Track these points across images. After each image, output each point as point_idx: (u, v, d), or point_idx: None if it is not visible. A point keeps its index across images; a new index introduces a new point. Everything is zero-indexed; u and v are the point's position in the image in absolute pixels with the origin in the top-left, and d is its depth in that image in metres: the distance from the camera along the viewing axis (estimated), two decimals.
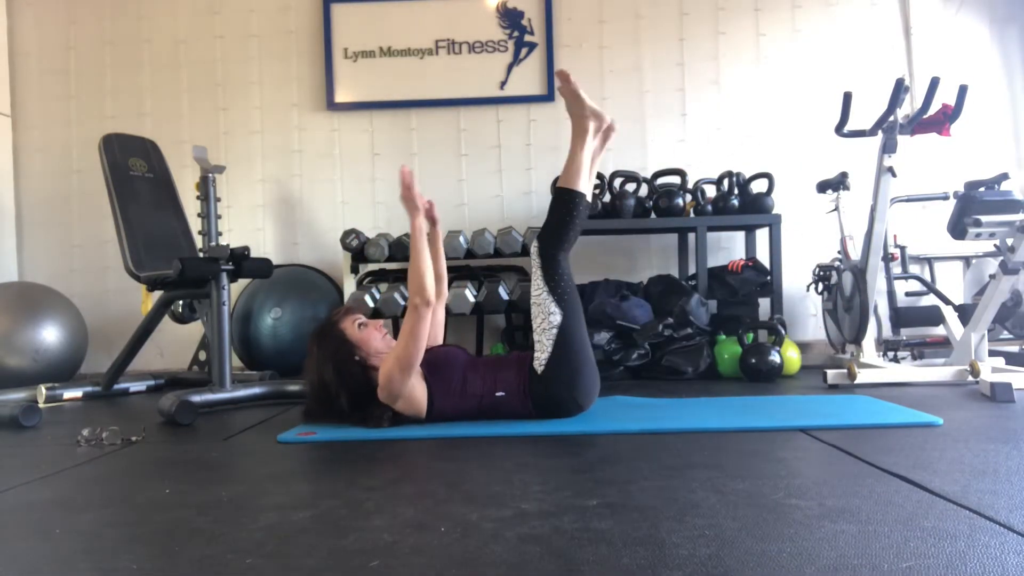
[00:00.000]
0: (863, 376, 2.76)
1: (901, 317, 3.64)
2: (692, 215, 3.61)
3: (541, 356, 2.12)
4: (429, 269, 2.06)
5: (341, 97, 4.17)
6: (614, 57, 4.17)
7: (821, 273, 3.62)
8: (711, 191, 3.79)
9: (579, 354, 2.12)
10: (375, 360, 2.14)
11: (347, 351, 2.11)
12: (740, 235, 4.05)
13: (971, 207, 2.77)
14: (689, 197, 3.65)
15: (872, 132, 3.00)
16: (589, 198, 2.22)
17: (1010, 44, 4.13)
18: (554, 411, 2.12)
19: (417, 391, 2.07)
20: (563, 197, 2.18)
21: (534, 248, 2.17)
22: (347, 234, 3.66)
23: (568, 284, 2.15)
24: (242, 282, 3.89)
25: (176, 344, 4.07)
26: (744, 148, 4.11)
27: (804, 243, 3.98)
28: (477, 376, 2.14)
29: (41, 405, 2.89)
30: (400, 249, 3.63)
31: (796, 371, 3.24)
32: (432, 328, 2.24)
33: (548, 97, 4.14)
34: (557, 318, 2.11)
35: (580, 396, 2.12)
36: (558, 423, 2.06)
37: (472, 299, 3.47)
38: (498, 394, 2.11)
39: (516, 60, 4.15)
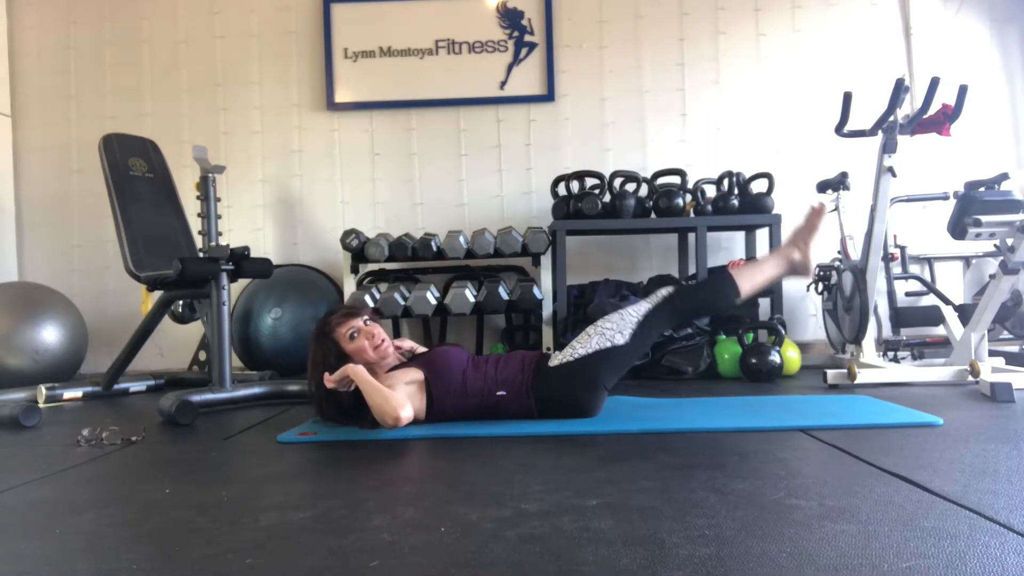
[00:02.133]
0: (863, 376, 2.76)
1: (901, 317, 3.64)
2: (692, 215, 3.61)
3: (578, 350, 2.11)
4: (387, 398, 1.96)
5: (341, 97, 4.17)
6: (614, 57, 4.17)
7: (821, 273, 3.62)
8: (711, 191, 3.79)
9: (604, 375, 2.12)
10: (370, 366, 2.14)
11: (339, 363, 2.10)
12: (740, 235, 4.05)
13: (971, 207, 2.77)
14: (689, 197, 3.65)
15: (872, 132, 3.00)
16: (738, 302, 2.25)
17: (1010, 44, 4.13)
18: (557, 412, 2.11)
19: (415, 399, 2.07)
20: (727, 288, 2.20)
21: (668, 291, 2.20)
22: (347, 234, 3.66)
23: (652, 335, 2.18)
24: (242, 282, 3.89)
25: (176, 344, 4.07)
26: (744, 148, 4.11)
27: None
28: (478, 375, 2.13)
29: (41, 405, 2.89)
30: (400, 249, 3.63)
31: (796, 371, 3.24)
32: None
33: (548, 97, 4.14)
34: (621, 340, 2.11)
35: (585, 404, 2.11)
36: (558, 423, 2.05)
37: (472, 299, 3.47)
38: (499, 393, 2.11)
39: (516, 60, 4.15)
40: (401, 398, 1.97)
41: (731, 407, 2.29)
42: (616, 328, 2.13)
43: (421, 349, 2.38)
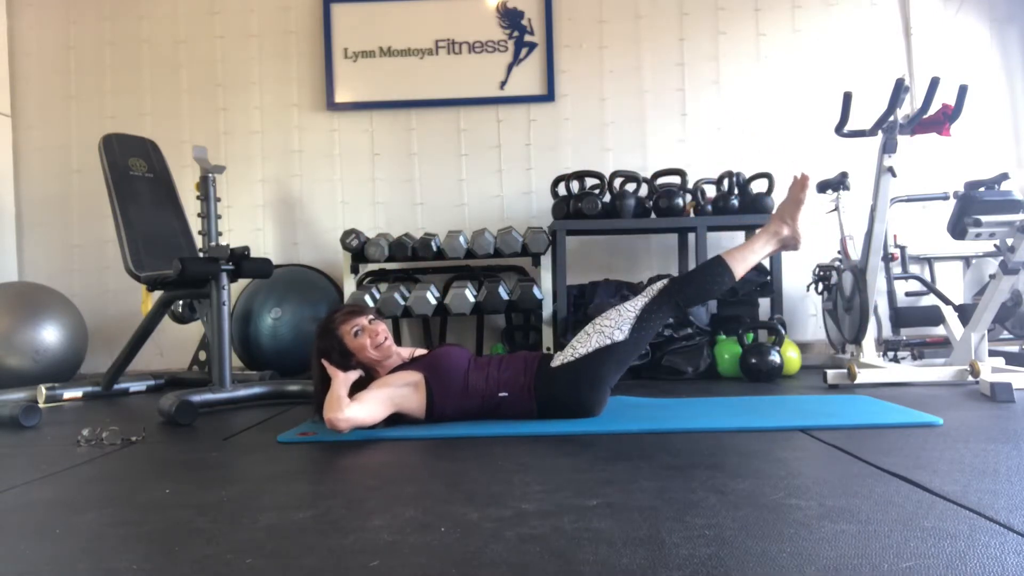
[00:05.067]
0: (863, 376, 2.76)
1: (901, 317, 3.64)
2: (692, 215, 3.61)
3: (578, 349, 2.12)
4: (331, 402, 1.97)
5: (341, 97, 4.17)
6: (614, 57, 4.17)
7: (821, 273, 3.62)
8: (711, 191, 3.79)
9: (606, 373, 2.12)
10: (372, 365, 2.14)
11: (343, 359, 2.11)
12: (740, 235, 4.05)
13: (971, 207, 2.77)
14: (689, 197, 3.65)
15: (872, 132, 3.00)
16: (732, 285, 2.27)
17: (1010, 44, 4.13)
18: (558, 413, 2.11)
19: (412, 401, 2.07)
20: (721, 272, 2.21)
21: (663, 283, 2.21)
22: (347, 234, 3.66)
23: (651, 328, 2.17)
24: (242, 282, 3.89)
25: (176, 344, 4.07)
26: (744, 148, 4.11)
27: (804, 243, 3.97)
28: (480, 376, 2.13)
29: (41, 405, 2.89)
30: (400, 249, 3.63)
31: (796, 371, 3.24)
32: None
33: (548, 97, 4.14)
34: (620, 336, 2.12)
35: (587, 404, 2.12)
36: (558, 423, 2.05)
37: (472, 299, 3.47)
38: (501, 394, 2.11)
39: (516, 60, 4.15)
40: (344, 403, 1.95)
41: (731, 407, 2.29)
42: (615, 325, 2.13)
43: (420, 351, 2.38)
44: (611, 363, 2.12)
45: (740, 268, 2.22)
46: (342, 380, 2.04)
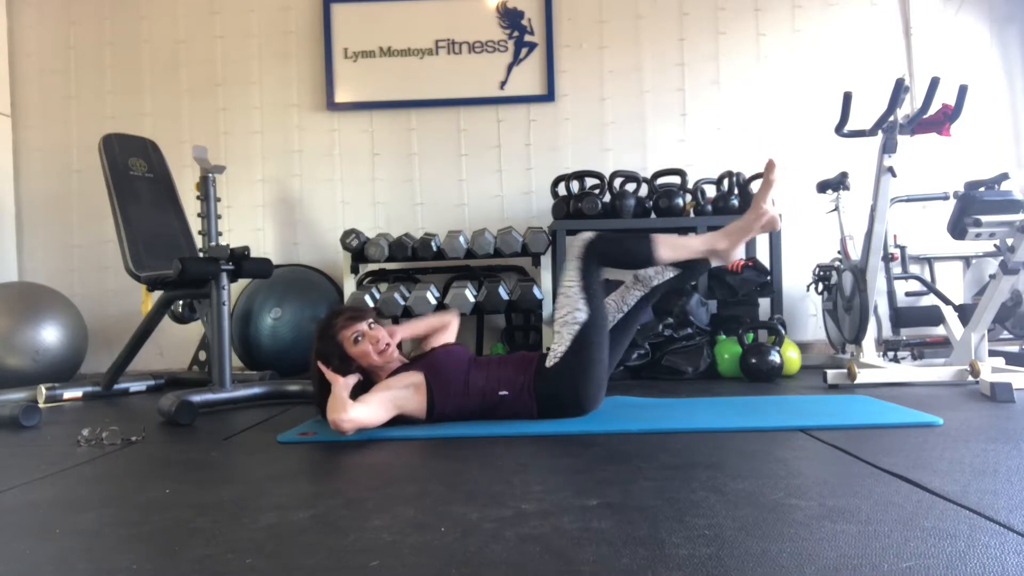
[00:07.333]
0: (863, 376, 2.76)
1: (901, 317, 3.64)
2: (692, 215, 3.61)
3: (558, 348, 2.12)
4: (335, 405, 1.96)
5: (341, 97, 4.17)
6: (614, 57, 4.17)
7: (821, 273, 3.62)
8: (711, 191, 3.79)
9: (593, 355, 2.11)
10: (373, 369, 2.15)
11: (343, 365, 2.11)
12: None
13: (971, 207, 2.77)
14: (689, 197, 3.65)
15: (872, 132, 3.00)
16: (655, 264, 2.18)
17: (1010, 44, 4.13)
18: (557, 411, 2.12)
19: (412, 401, 2.07)
20: (643, 249, 2.13)
21: (581, 242, 2.14)
22: (347, 234, 3.66)
23: (598, 289, 2.16)
24: (242, 282, 3.89)
25: (176, 344, 4.07)
26: (744, 148, 4.11)
27: (804, 243, 3.98)
28: (480, 376, 2.14)
29: (41, 405, 2.89)
30: (400, 249, 3.63)
31: (796, 371, 3.24)
32: (442, 334, 2.40)
33: (548, 97, 4.14)
34: (583, 315, 2.10)
35: (584, 397, 2.12)
36: (558, 423, 2.05)
37: (472, 299, 3.47)
38: (501, 393, 2.11)
39: (516, 60, 4.15)
40: (348, 404, 1.94)
41: (731, 407, 2.29)
42: (570, 308, 2.12)
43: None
44: (593, 344, 2.11)
45: (665, 255, 2.14)
46: (342, 384, 2.03)
